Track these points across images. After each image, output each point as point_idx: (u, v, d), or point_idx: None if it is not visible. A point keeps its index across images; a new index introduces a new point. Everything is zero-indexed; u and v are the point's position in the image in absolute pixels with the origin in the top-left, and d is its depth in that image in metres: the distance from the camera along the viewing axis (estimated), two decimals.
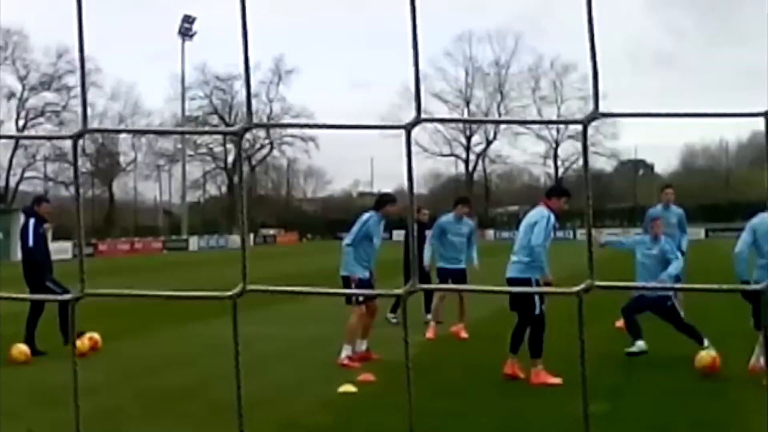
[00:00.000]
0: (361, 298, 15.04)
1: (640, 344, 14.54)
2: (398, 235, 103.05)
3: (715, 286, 1.64)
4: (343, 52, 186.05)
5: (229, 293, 1.58)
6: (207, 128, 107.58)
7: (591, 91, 1.43)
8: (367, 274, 15.34)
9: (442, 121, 1.50)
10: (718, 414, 11.16)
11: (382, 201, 15.77)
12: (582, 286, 1.53)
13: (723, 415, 11.12)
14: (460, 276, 18.38)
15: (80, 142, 1.62)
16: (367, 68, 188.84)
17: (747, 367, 13.81)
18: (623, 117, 1.48)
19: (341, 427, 10.85)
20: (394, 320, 19.75)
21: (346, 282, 15.16)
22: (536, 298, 13.54)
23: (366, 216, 15.49)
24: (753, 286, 1.43)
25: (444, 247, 18.58)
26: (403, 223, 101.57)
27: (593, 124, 1.50)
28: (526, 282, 13.29)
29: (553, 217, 13.73)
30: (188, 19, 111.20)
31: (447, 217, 18.90)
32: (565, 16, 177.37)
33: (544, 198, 14.14)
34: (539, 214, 13.72)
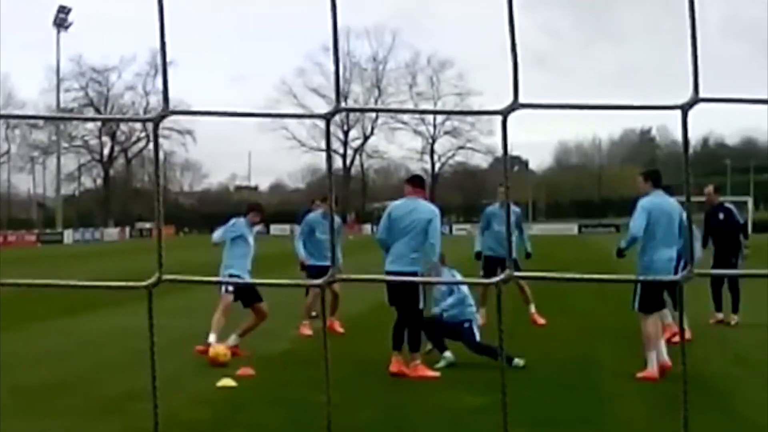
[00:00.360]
0: (230, 288, 15.21)
1: (448, 356, 14.43)
2: (276, 229, 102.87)
3: (632, 278, 1.69)
4: (221, 46, 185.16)
5: (145, 283, 1.60)
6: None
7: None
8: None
9: (363, 110, 1.48)
10: (596, 406, 11.37)
11: (250, 210, 16.25)
12: (502, 276, 1.58)
13: (599, 407, 11.33)
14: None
15: None
16: (245, 62, 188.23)
17: (619, 361, 14.11)
18: (544, 108, 1.53)
19: (221, 421, 10.81)
20: (313, 313, 19.69)
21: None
22: (420, 293, 13.65)
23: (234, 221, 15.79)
24: (670, 277, 1.50)
25: (313, 245, 18.21)
26: (283, 218, 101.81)
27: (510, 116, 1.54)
28: (413, 275, 13.35)
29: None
30: (63, 10, 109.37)
31: (315, 215, 18.55)
32: (443, 14, 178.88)
33: (421, 191, 14.14)
34: (431, 211, 13.75)
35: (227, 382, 12.70)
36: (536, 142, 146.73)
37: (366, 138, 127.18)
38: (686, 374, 1.60)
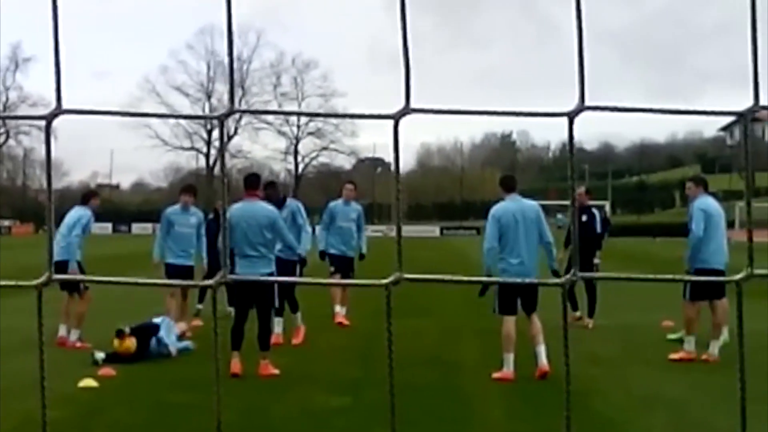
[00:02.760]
0: (83, 285, 15.32)
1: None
2: (137, 228, 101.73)
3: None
4: (83, 42, 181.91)
5: (35, 282, 1.60)
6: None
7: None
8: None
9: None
10: (456, 407, 11.50)
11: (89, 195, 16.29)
12: (391, 278, 1.61)
13: (460, 408, 11.46)
14: (189, 272, 17.42)
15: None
16: (108, 59, 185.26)
17: (480, 362, 14.29)
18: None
19: (82, 421, 10.66)
20: (200, 306, 19.47)
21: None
22: (275, 292, 13.73)
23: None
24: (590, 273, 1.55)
25: (173, 240, 17.41)
26: (145, 217, 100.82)
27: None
28: (272, 275, 13.40)
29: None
30: None
31: (173, 208, 17.71)
32: (308, 14, 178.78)
33: (255, 192, 14.14)
34: (271, 212, 13.83)
35: (89, 382, 12.54)
36: (400, 144, 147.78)
37: (230, 137, 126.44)
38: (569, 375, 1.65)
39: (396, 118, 1.53)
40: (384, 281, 1.57)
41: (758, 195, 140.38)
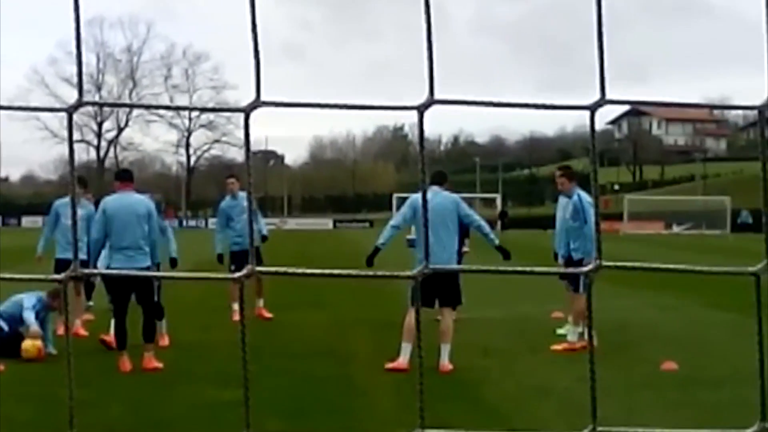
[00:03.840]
0: None
1: None
2: (27, 221, 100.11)
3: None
4: None
5: None
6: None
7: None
8: None
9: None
10: (348, 398, 11.52)
11: None
12: (244, 272, 1.59)
13: (352, 399, 11.48)
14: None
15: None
16: None
17: (372, 353, 14.34)
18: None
19: None
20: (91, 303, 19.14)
21: None
22: (155, 286, 13.70)
23: None
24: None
25: (62, 233, 17.08)
26: (35, 210, 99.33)
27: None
28: (149, 269, 13.29)
29: None
30: None
31: (61, 201, 17.29)
32: (198, 6, 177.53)
33: (131, 183, 14.05)
34: (147, 203, 13.79)
35: None
36: (292, 136, 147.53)
37: (120, 130, 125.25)
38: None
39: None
40: (237, 275, 1.56)
41: (645, 188, 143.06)
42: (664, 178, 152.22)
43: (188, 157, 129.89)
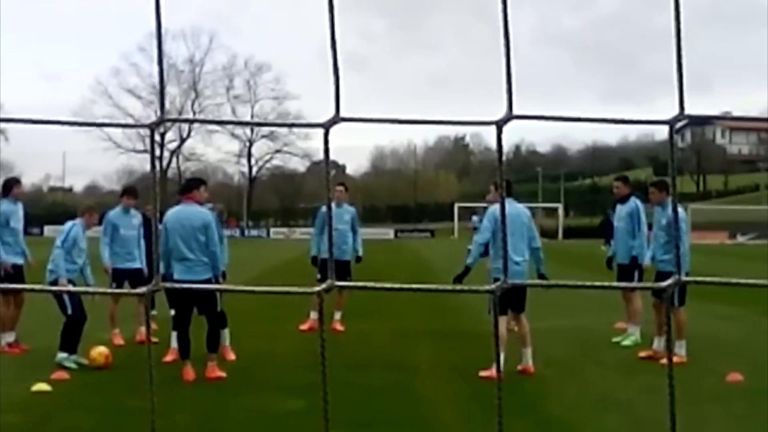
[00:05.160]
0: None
1: None
2: (92, 231, 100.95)
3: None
4: (34, 44, 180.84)
5: None
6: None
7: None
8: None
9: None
10: (411, 409, 11.50)
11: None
12: (324, 285, 1.59)
13: (415, 410, 11.46)
14: (137, 274, 17.03)
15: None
16: (60, 61, 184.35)
17: (435, 363, 14.33)
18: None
19: (35, 426, 10.57)
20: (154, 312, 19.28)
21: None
22: (218, 297, 13.79)
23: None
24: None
25: (120, 243, 17.07)
26: (99, 220, 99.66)
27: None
28: (209, 281, 13.39)
29: None
30: None
31: (116, 211, 17.40)
32: (260, 17, 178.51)
33: (191, 195, 14.04)
34: (206, 215, 13.80)
35: (42, 386, 12.44)
36: (353, 146, 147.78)
37: (183, 140, 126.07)
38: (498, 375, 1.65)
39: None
40: (316, 288, 1.56)
41: (709, 197, 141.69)
42: (728, 188, 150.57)
43: (250, 167, 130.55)
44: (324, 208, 18.98)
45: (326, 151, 1.57)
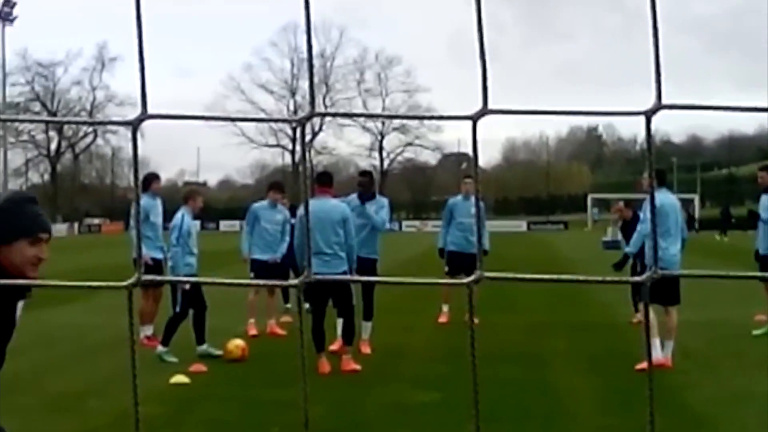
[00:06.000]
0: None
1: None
2: (225, 225, 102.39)
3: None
4: (167, 40, 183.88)
5: (125, 283, 1.59)
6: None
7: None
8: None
9: (335, 115, 1.51)
10: (544, 402, 11.43)
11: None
12: (473, 277, 1.58)
13: (548, 403, 11.39)
14: (275, 267, 17.24)
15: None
16: (192, 57, 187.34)
17: (569, 356, 14.22)
18: (512, 113, 1.53)
19: (174, 417, 10.76)
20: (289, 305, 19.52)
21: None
22: (353, 288, 13.82)
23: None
24: (635, 279, 1.51)
25: (258, 235, 17.39)
26: (232, 214, 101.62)
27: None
28: (346, 274, 13.40)
29: None
30: (8, 4, 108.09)
31: (260, 204, 17.67)
32: (389, 10, 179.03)
33: (329, 188, 14.07)
34: (344, 209, 13.84)
35: (180, 378, 12.65)
36: (484, 139, 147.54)
37: (315, 134, 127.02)
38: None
39: (474, 119, 1.50)
40: (465, 280, 1.54)
41: None
42: None
43: (381, 160, 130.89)
44: (451, 200, 18.97)
45: (474, 143, 1.55)
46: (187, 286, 14.34)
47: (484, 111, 1.49)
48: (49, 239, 4.99)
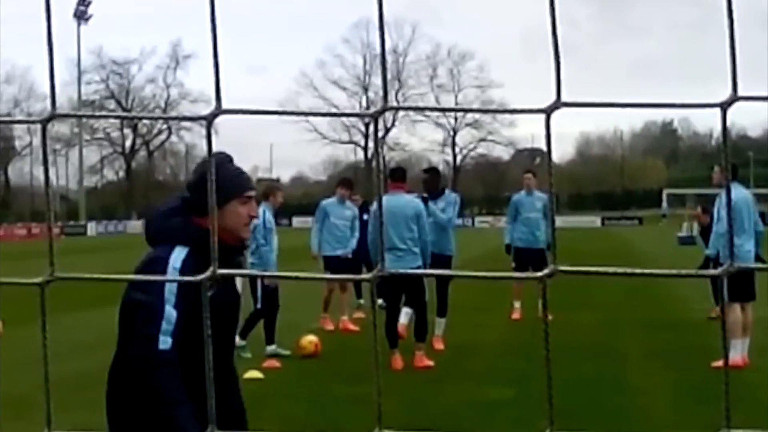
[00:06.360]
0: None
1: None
2: (298, 222, 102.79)
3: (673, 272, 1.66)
4: (239, 37, 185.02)
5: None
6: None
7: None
8: None
9: (409, 109, 1.52)
10: (618, 399, 11.36)
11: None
12: (546, 271, 1.56)
13: (624, 400, 11.31)
14: (346, 263, 17.27)
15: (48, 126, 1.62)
16: (265, 54, 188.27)
17: (644, 352, 14.11)
18: (586, 107, 1.52)
19: (248, 413, 10.80)
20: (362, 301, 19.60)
21: None
22: (425, 284, 13.75)
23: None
24: (712, 271, 1.48)
25: (328, 231, 17.47)
26: (305, 210, 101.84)
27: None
28: (419, 270, 13.39)
29: None
30: (83, 2, 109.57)
31: (329, 200, 17.83)
32: (462, 6, 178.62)
33: (403, 184, 14.06)
34: (417, 204, 13.80)
35: (254, 374, 12.72)
36: (558, 133, 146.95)
37: (387, 130, 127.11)
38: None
39: (548, 112, 1.49)
40: (539, 274, 1.52)
41: None
42: None
43: (454, 156, 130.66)
44: (515, 196, 18.92)
45: (548, 136, 1.54)
46: (268, 283, 14.36)
47: (558, 104, 1.48)
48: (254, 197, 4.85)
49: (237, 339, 14.27)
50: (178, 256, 4.57)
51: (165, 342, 4.41)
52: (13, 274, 1.75)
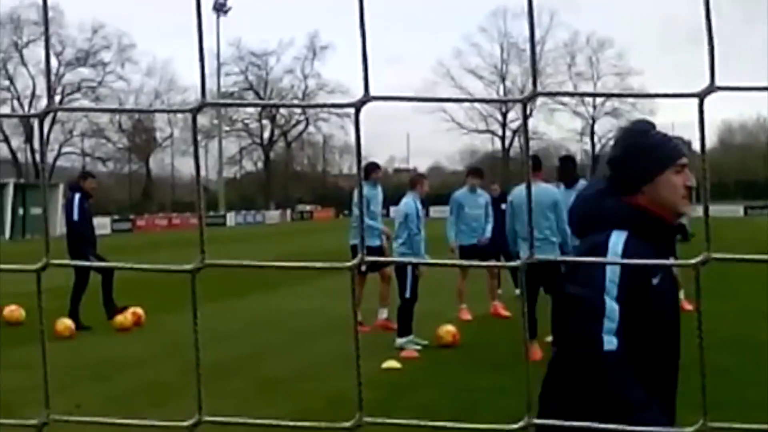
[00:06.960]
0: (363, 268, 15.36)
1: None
2: (435, 211, 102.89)
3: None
4: (377, 28, 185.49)
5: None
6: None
7: (707, 65, 1.40)
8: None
9: (558, 94, 1.52)
10: (761, 391, 11.13)
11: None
12: (699, 258, 1.54)
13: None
14: (482, 252, 17.30)
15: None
16: (401, 44, 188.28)
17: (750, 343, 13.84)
18: (740, 90, 1.48)
19: (387, 403, 10.85)
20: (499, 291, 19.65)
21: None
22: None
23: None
24: None
25: (465, 221, 17.66)
26: (441, 199, 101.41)
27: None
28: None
29: None
30: None
31: (461, 191, 18.12)
32: None
33: (539, 172, 13.99)
34: (554, 193, 13.67)
35: (392, 363, 12.79)
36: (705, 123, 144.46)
37: (526, 118, 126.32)
38: None
39: (701, 96, 1.47)
40: (692, 261, 1.50)
41: None
42: None
43: (593, 145, 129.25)
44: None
45: (701, 122, 1.52)
46: (417, 271, 14.49)
47: (712, 88, 1.46)
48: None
49: (399, 339, 14.38)
50: (618, 240, 4.13)
51: (610, 342, 4.03)
52: (155, 264, 1.78)
